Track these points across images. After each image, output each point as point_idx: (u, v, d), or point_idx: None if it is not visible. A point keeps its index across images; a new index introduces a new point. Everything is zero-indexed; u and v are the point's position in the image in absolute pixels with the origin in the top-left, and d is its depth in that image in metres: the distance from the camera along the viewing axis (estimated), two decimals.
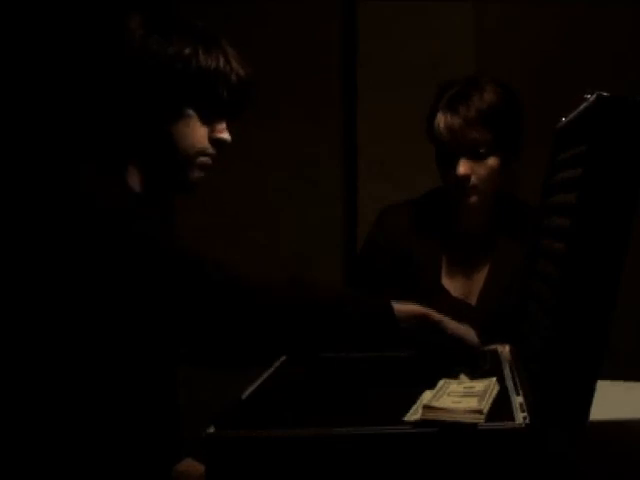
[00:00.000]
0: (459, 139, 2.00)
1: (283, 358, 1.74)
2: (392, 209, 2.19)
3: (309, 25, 3.24)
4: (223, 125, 1.54)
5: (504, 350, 1.79)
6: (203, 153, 1.52)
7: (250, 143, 3.19)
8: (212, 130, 1.53)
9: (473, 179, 2.01)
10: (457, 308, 2.01)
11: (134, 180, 1.52)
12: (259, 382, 1.62)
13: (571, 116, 1.47)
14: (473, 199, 2.03)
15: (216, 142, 1.53)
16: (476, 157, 2.00)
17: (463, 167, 1.99)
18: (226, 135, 1.54)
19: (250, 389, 1.56)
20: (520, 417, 1.29)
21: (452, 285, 2.09)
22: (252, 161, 3.21)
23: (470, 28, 3.19)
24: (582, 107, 1.34)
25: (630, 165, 1.21)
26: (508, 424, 1.27)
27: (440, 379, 1.46)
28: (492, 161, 2.02)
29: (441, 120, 2.02)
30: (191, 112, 1.50)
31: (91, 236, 1.41)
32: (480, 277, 2.09)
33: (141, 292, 1.46)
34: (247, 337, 1.47)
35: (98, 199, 1.45)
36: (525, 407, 1.34)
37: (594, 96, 1.24)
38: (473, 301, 2.08)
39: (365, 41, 3.19)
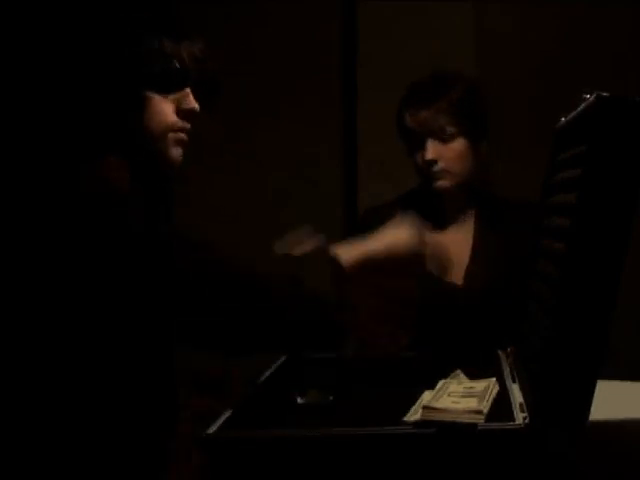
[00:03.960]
0: (426, 125, 2.10)
1: (283, 359, 1.74)
2: (371, 209, 2.29)
3: (309, 25, 3.25)
4: (186, 92, 1.52)
5: (504, 352, 1.79)
6: (173, 128, 1.51)
7: (250, 143, 3.20)
8: (178, 103, 1.52)
9: (441, 163, 2.10)
10: (445, 290, 2.12)
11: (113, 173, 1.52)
12: (259, 382, 1.62)
13: (571, 116, 1.47)
14: (442, 183, 2.12)
15: (185, 114, 1.52)
16: (442, 140, 2.10)
17: (430, 150, 2.09)
18: (192, 104, 1.53)
19: (250, 389, 1.56)
20: (520, 417, 1.29)
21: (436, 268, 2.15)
22: (252, 161, 3.21)
23: (470, 28, 3.19)
24: (582, 107, 1.34)
25: (630, 165, 1.21)
26: (508, 424, 1.27)
27: (440, 379, 1.46)
28: (458, 144, 2.11)
29: (409, 113, 2.15)
30: (149, 91, 1.49)
31: (90, 234, 1.41)
32: (464, 259, 2.16)
33: (139, 292, 1.46)
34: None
35: (98, 198, 1.45)
36: (525, 407, 1.34)
37: (594, 96, 1.24)
38: (460, 282, 2.15)
39: (365, 41, 3.19)
